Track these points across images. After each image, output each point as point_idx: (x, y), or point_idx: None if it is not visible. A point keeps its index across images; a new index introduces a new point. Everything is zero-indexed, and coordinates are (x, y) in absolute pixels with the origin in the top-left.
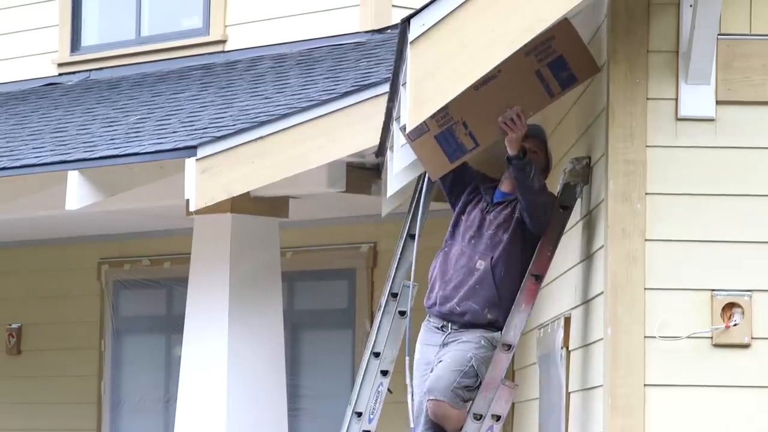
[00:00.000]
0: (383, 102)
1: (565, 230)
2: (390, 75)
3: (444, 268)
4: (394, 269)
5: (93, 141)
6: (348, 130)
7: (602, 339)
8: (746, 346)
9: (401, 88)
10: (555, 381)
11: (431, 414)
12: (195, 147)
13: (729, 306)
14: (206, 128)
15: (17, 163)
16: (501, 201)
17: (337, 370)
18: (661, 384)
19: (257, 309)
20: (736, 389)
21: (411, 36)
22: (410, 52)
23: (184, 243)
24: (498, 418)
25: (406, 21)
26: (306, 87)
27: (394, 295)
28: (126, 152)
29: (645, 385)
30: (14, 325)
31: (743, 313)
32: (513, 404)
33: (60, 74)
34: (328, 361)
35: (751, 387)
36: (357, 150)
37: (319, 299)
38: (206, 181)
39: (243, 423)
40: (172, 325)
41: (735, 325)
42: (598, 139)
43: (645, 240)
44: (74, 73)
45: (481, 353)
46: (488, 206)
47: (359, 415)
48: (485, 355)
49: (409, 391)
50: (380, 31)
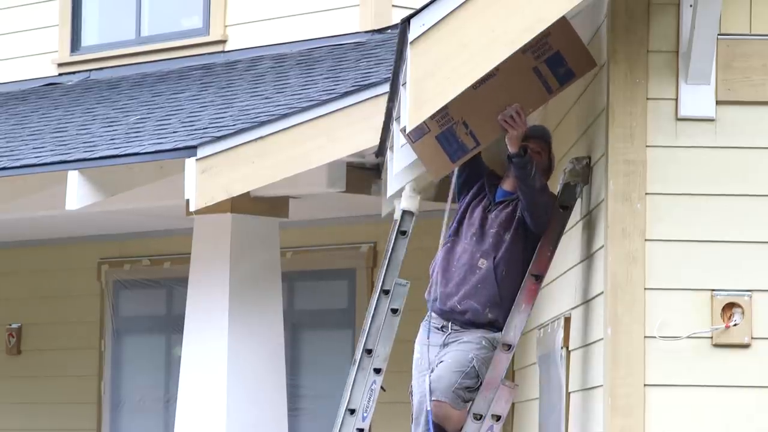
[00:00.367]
0: (383, 102)
1: (565, 230)
2: (390, 75)
3: (446, 265)
4: (385, 267)
5: (93, 141)
6: (348, 130)
7: (602, 339)
8: (746, 346)
9: (401, 88)
10: (555, 381)
11: (432, 414)
12: (195, 147)
13: (729, 306)
14: (206, 128)
15: (17, 163)
16: (503, 200)
17: (337, 370)
18: (661, 384)
19: (257, 309)
20: (736, 389)
21: (411, 36)
22: (410, 52)
23: (184, 243)
24: (498, 418)
25: (406, 21)
26: (306, 87)
27: (386, 292)
28: (126, 152)
29: (645, 385)
30: (14, 325)
31: (743, 313)
32: (513, 404)
33: (60, 74)
34: (328, 361)
35: (751, 387)
36: (357, 150)
37: (319, 299)
38: (206, 181)
39: (243, 423)
40: (172, 325)
41: (735, 325)
42: (598, 139)
43: (645, 240)
44: (74, 73)
45: (482, 354)
46: (490, 204)
47: (352, 413)
48: (486, 356)
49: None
50: (380, 31)
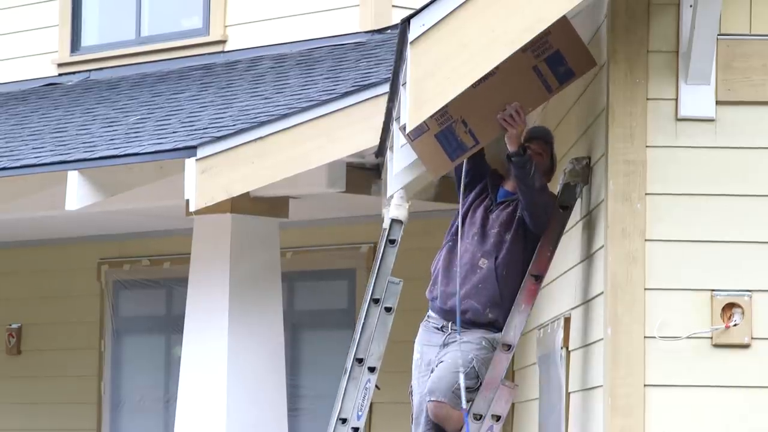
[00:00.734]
0: (383, 102)
1: (565, 230)
2: (390, 75)
3: (447, 264)
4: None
5: (93, 141)
6: (348, 130)
7: (602, 339)
8: (746, 347)
9: (401, 88)
10: (555, 381)
11: (432, 415)
12: (195, 147)
13: (729, 306)
14: (206, 128)
15: (17, 163)
16: (504, 200)
17: (337, 370)
18: (661, 384)
19: (257, 309)
20: (736, 389)
21: (411, 36)
22: (410, 52)
23: (184, 243)
24: (498, 418)
25: (406, 21)
26: (306, 87)
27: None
28: (126, 152)
29: (645, 385)
30: (14, 325)
31: (743, 314)
32: (513, 404)
33: (60, 74)
34: (328, 361)
35: (751, 387)
36: (357, 150)
37: (319, 299)
38: (206, 181)
39: (243, 423)
40: (172, 325)
41: (735, 326)
42: (598, 139)
43: (645, 240)
44: (74, 74)
45: (482, 354)
46: (492, 204)
47: (344, 422)
48: (486, 356)
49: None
50: (380, 31)
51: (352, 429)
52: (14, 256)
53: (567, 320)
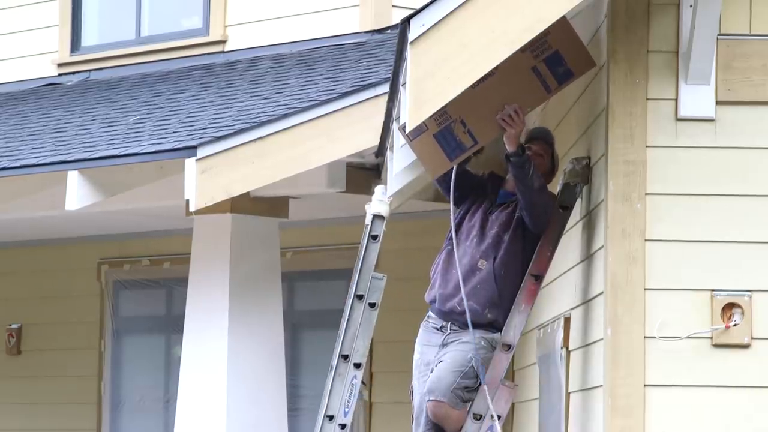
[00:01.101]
0: (383, 102)
1: (565, 230)
2: (390, 75)
3: (446, 266)
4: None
5: (93, 141)
6: (348, 130)
7: (602, 339)
8: (746, 347)
9: (401, 88)
10: (555, 381)
11: (431, 414)
12: (195, 147)
13: (729, 306)
14: (206, 128)
15: (17, 163)
16: (504, 201)
17: None
18: (661, 384)
19: (257, 309)
20: (736, 389)
21: (411, 36)
22: (410, 52)
23: (184, 243)
24: (498, 418)
25: (406, 21)
26: (306, 87)
27: (360, 297)
28: (126, 152)
29: (645, 386)
30: (14, 325)
31: (743, 314)
32: (513, 404)
33: (60, 74)
34: (328, 361)
35: (751, 387)
36: (357, 150)
37: (319, 299)
38: (206, 182)
39: (243, 423)
40: (172, 325)
41: (735, 326)
42: (598, 140)
43: (645, 240)
44: (74, 74)
45: (481, 354)
46: (491, 206)
47: (331, 419)
48: (485, 356)
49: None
50: (380, 31)
51: (339, 426)
52: (14, 256)
53: (567, 320)
